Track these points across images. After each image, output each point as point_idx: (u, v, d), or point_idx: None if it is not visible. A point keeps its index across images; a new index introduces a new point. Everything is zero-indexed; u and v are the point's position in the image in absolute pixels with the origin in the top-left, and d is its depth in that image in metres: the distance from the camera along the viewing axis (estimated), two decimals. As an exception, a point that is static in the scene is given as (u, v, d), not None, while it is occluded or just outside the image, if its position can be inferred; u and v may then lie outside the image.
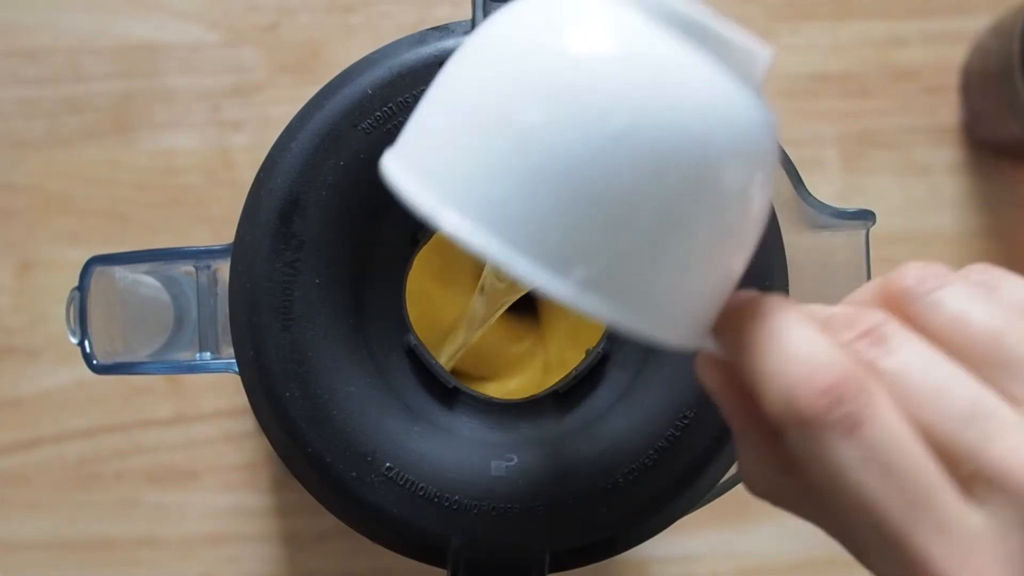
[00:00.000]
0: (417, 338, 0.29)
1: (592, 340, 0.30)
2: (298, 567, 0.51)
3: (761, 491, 0.24)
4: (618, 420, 0.28)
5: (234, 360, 0.29)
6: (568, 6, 0.20)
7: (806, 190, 0.30)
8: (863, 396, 0.20)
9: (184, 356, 0.31)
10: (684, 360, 0.28)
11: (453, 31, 0.28)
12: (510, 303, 0.31)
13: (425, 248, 0.29)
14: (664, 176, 0.19)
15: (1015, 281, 0.23)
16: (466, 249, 0.19)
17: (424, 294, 0.32)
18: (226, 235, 0.31)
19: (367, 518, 0.29)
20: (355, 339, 0.28)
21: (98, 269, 0.31)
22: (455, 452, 0.29)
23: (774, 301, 0.21)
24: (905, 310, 0.23)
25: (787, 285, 0.29)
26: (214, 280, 0.31)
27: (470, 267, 0.32)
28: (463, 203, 0.19)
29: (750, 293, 0.22)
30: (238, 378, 0.29)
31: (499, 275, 0.30)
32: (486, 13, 0.28)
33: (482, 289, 0.30)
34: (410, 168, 0.20)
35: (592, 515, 0.28)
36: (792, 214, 0.30)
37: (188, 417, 0.51)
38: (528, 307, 0.35)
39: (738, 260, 0.21)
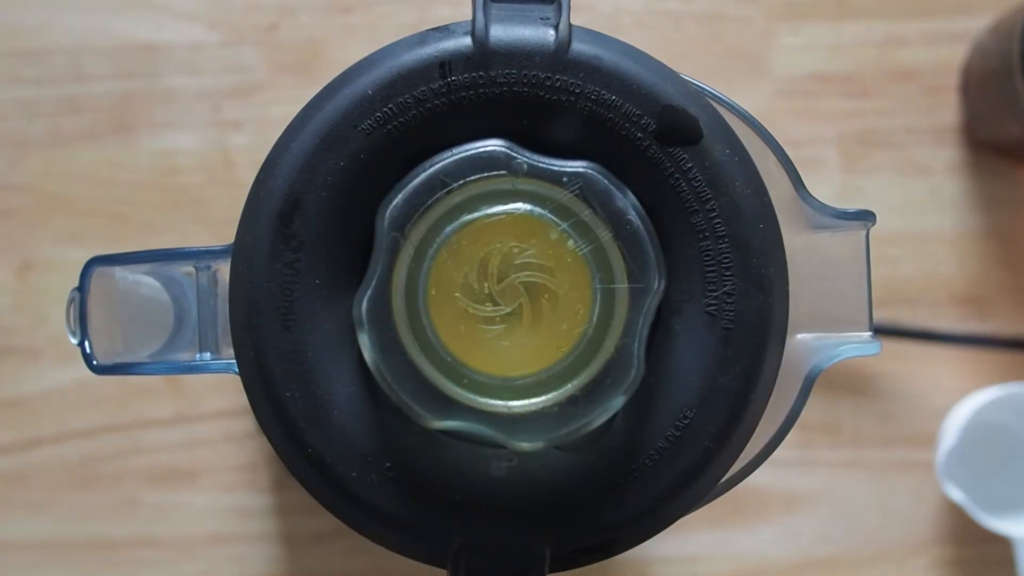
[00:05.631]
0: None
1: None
2: (298, 567, 0.51)
3: None
4: (618, 420, 0.28)
5: (234, 361, 0.28)
6: None
7: (806, 190, 0.30)
8: None
9: (184, 357, 0.31)
10: (685, 360, 0.28)
11: (453, 31, 0.28)
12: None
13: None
14: None
15: None
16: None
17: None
18: (226, 235, 0.31)
19: (367, 518, 0.29)
20: (355, 339, 0.28)
21: (98, 269, 0.31)
22: (455, 452, 0.29)
23: None
24: None
25: (787, 286, 0.29)
26: (214, 280, 0.31)
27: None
28: None
29: None
30: (238, 378, 0.29)
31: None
32: (486, 13, 0.28)
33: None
34: None
35: (592, 515, 0.28)
36: (792, 214, 0.30)
37: (188, 417, 0.51)
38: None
39: None
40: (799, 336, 0.30)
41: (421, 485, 0.28)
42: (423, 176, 0.27)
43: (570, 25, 0.27)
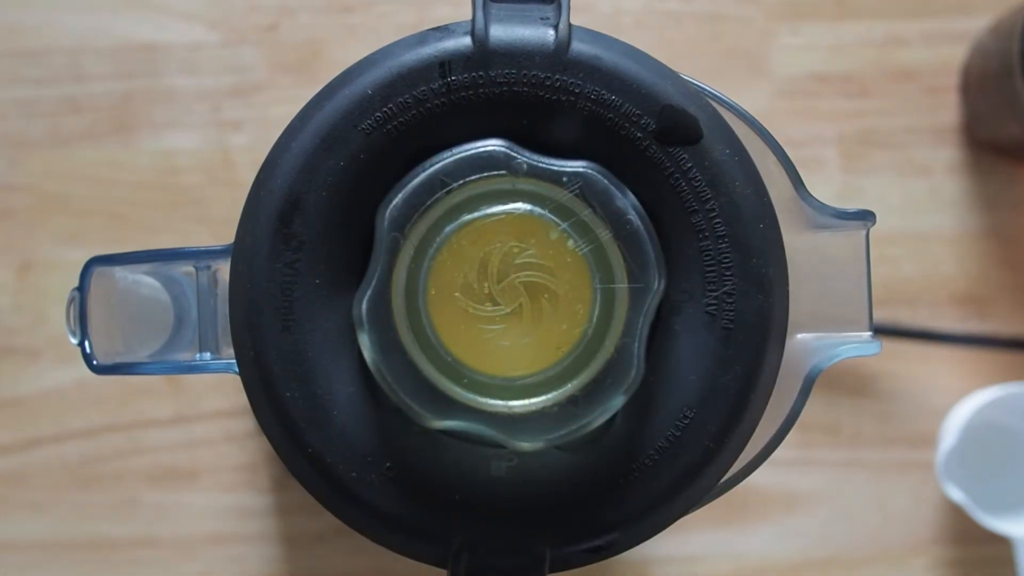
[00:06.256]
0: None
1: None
2: (298, 567, 0.51)
3: None
4: (618, 420, 0.28)
5: (234, 360, 0.28)
6: None
7: (806, 190, 0.30)
8: None
9: (184, 356, 0.31)
10: (685, 360, 0.28)
11: (453, 31, 0.28)
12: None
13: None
14: None
15: None
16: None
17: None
18: (226, 235, 0.31)
19: (367, 518, 0.29)
20: (355, 339, 0.28)
21: (98, 269, 0.31)
22: (455, 452, 0.29)
23: None
24: None
25: (787, 286, 0.29)
26: (214, 280, 0.31)
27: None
28: None
29: None
30: (238, 378, 0.29)
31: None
32: (486, 13, 0.28)
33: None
34: None
35: (592, 515, 0.28)
36: (792, 214, 0.30)
37: (188, 417, 0.51)
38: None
39: None
40: (799, 336, 0.30)
41: (421, 485, 0.28)
42: (423, 176, 0.27)
43: (570, 25, 0.27)
